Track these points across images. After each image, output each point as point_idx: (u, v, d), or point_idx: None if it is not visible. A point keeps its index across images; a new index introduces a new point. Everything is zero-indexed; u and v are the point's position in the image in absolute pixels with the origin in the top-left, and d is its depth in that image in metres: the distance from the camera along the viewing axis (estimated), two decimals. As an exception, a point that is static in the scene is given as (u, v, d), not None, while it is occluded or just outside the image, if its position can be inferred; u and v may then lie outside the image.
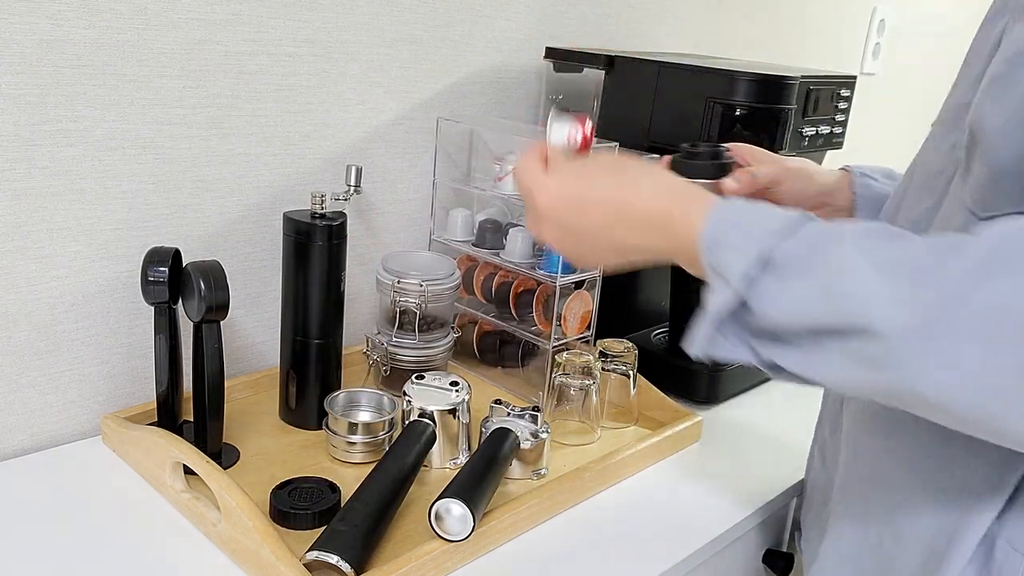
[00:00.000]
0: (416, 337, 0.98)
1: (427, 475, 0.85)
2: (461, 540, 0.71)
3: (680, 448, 0.96)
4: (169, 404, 0.84)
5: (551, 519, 0.81)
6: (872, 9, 1.94)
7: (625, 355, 0.98)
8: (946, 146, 0.64)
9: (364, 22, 1.00)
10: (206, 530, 0.73)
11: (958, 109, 0.62)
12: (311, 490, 0.78)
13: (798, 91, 1.01)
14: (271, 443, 0.89)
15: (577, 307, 1.00)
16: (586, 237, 0.64)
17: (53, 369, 0.86)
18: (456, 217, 1.07)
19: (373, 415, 0.91)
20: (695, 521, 0.83)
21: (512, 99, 1.20)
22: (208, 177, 0.92)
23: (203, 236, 0.93)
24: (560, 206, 0.64)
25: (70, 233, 0.84)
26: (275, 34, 0.93)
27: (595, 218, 0.63)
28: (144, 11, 0.83)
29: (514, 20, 1.16)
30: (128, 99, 0.84)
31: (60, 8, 0.77)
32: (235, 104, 0.92)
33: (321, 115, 1.00)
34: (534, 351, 1.03)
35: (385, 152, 1.07)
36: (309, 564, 0.65)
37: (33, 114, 0.78)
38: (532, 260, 1.01)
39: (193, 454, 0.75)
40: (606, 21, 1.29)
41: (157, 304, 0.81)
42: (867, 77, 1.97)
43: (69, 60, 0.79)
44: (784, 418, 1.05)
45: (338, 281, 0.90)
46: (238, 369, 1.01)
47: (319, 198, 0.89)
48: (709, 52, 1.50)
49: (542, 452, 0.86)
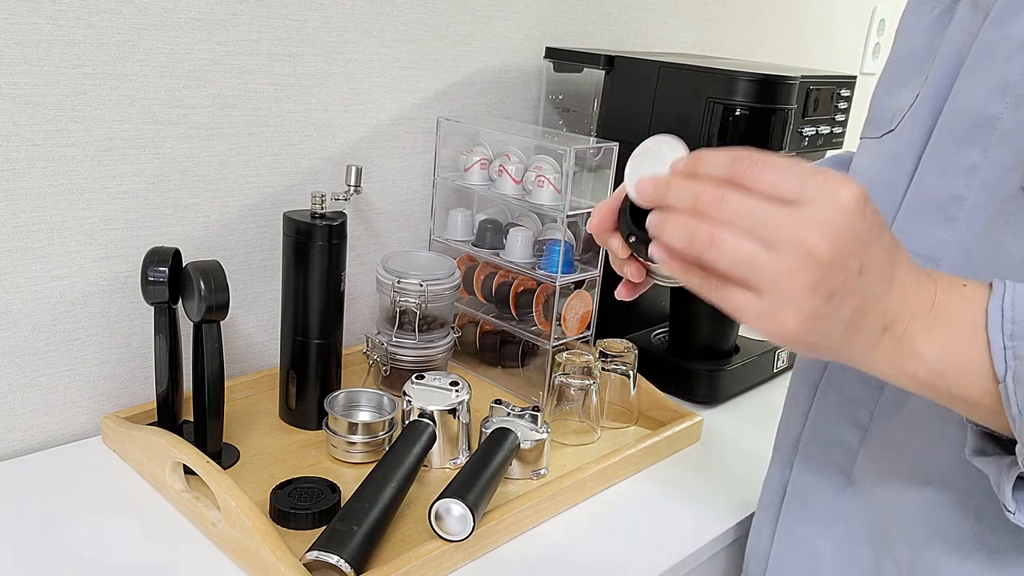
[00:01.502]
0: (416, 337, 0.98)
1: (427, 475, 0.85)
2: (461, 540, 0.71)
3: (680, 448, 0.96)
4: (169, 404, 0.84)
5: (551, 519, 0.81)
6: (872, 9, 1.94)
7: (625, 355, 0.98)
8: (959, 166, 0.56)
9: (364, 22, 1.00)
10: (206, 530, 0.73)
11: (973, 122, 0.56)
12: (311, 490, 0.78)
13: (798, 91, 1.01)
14: (271, 443, 0.89)
15: (577, 307, 1.00)
16: (872, 277, 0.46)
17: (53, 369, 0.86)
18: (456, 217, 1.07)
19: (373, 415, 0.91)
20: (695, 521, 0.83)
21: (512, 99, 1.20)
22: (208, 177, 0.92)
23: (203, 236, 0.93)
24: (861, 227, 0.45)
25: (70, 233, 0.84)
26: (275, 34, 0.93)
27: (886, 243, 0.47)
28: (144, 11, 0.83)
29: (514, 20, 1.16)
30: (128, 99, 0.84)
31: (60, 8, 0.77)
32: (235, 104, 0.92)
33: (321, 115, 1.00)
34: (534, 351, 1.03)
35: (385, 152, 1.07)
36: (309, 564, 0.65)
37: (33, 114, 0.78)
38: (532, 260, 1.01)
39: (193, 454, 0.75)
40: (606, 21, 1.29)
41: (157, 304, 0.81)
42: (867, 77, 1.97)
43: (69, 60, 0.79)
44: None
45: (338, 281, 0.90)
46: (238, 369, 1.01)
47: (319, 198, 0.89)
48: (709, 52, 1.50)
49: (542, 452, 0.86)
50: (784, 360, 1.18)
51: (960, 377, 0.47)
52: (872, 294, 0.46)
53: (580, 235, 1.02)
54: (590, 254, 1.01)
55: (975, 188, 0.56)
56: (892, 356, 0.48)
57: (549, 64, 1.17)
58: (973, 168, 0.56)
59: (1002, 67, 0.54)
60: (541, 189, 0.98)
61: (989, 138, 0.55)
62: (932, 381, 0.48)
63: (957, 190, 0.56)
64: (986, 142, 0.55)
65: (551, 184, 0.97)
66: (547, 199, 0.97)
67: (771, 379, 1.17)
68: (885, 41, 2.00)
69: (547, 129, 1.15)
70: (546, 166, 0.98)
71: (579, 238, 1.02)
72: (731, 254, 0.45)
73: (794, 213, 0.44)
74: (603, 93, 1.09)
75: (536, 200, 0.98)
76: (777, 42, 1.69)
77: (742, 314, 0.46)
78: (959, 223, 0.57)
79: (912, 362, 0.47)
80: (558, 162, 0.97)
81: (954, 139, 0.57)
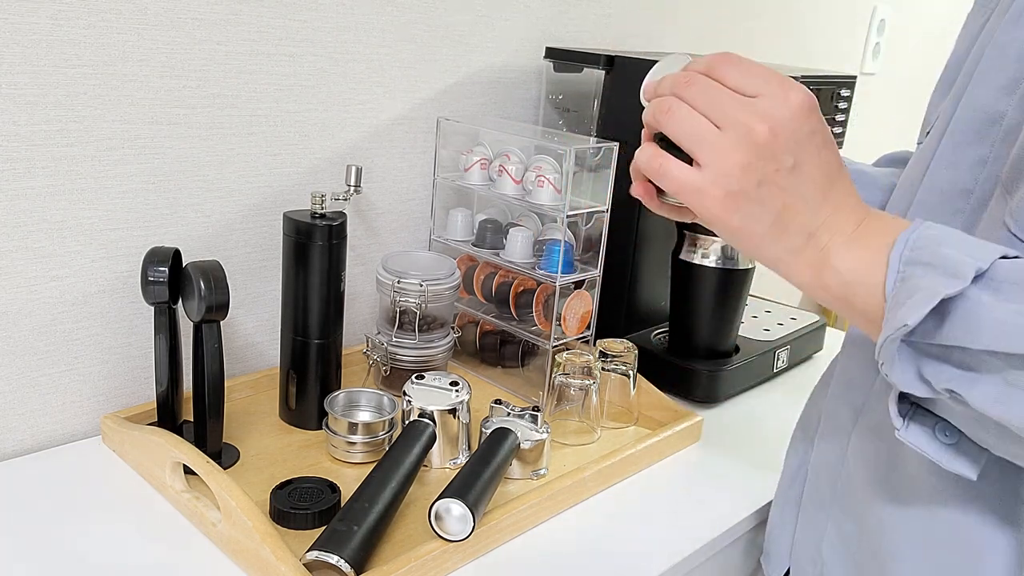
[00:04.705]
0: (416, 337, 0.98)
1: (427, 475, 0.85)
2: (461, 540, 0.71)
3: (680, 448, 0.96)
4: (169, 404, 0.84)
5: (551, 519, 0.81)
6: (872, 9, 1.94)
7: (625, 355, 0.98)
8: (969, 161, 0.58)
9: (364, 22, 1.00)
10: (206, 530, 0.73)
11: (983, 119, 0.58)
12: (311, 490, 0.78)
13: (798, 91, 1.01)
14: (271, 443, 0.89)
15: (577, 307, 1.00)
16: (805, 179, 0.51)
17: (53, 369, 0.86)
18: (456, 217, 1.07)
19: (373, 415, 0.91)
20: (695, 521, 0.83)
21: (512, 99, 1.20)
22: (208, 177, 0.92)
23: (203, 236, 0.93)
24: (801, 126, 0.50)
25: (70, 233, 0.84)
26: (275, 34, 0.93)
27: (826, 158, 0.51)
28: (144, 11, 0.83)
29: (514, 20, 1.16)
30: (128, 99, 0.84)
31: (60, 8, 0.77)
32: (235, 104, 0.92)
33: (321, 115, 1.00)
34: (534, 351, 1.03)
35: (385, 152, 1.07)
36: (309, 564, 0.65)
37: (33, 114, 0.78)
38: (532, 260, 1.01)
39: (193, 454, 0.75)
40: (606, 21, 1.29)
41: (157, 304, 0.81)
42: (867, 77, 1.97)
43: (69, 60, 0.79)
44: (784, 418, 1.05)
45: (338, 281, 0.90)
46: (238, 369, 1.01)
47: (319, 198, 0.89)
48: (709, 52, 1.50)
49: (542, 452, 0.86)
50: (784, 360, 1.18)
51: (865, 292, 0.50)
52: (801, 196, 0.51)
53: (580, 235, 1.02)
54: (590, 254, 1.01)
55: (981, 182, 0.57)
56: (812, 265, 0.51)
57: (549, 64, 1.17)
58: (982, 163, 0.57)
59: (1013, 67, 0.56)
60: (541, 189, 0.98)
61: (996, 135, 0.57)
62: (843, 293, 0.51)
63: (966, 184, 0.58)
64: (993, 139, 0.57)
65: (551, 184, 0.97)
66: (547, 199, 0.97)
67: (771, 379, 1.17)
68: (885, 41, 2.00)
69: (547, 129, 1.15)
70: (546, 166, 0.98)
71: (579, 238, 1.02)
72: (681, 123, 0.51)
73: (747, 102, 0.50)
74: (603, 93, 1.09)
75: (536, 200, 0.98)
76: (777, 42, 1.69)
77: (679, 187, 0.52)
78: (964, 215, 0.58)
79: (828, 272, 0.51)
80: (558, 162, 0.97)
81: (966, 136, 0.59)
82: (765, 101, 0.50)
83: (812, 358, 1.26)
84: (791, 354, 1.19)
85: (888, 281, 0.48)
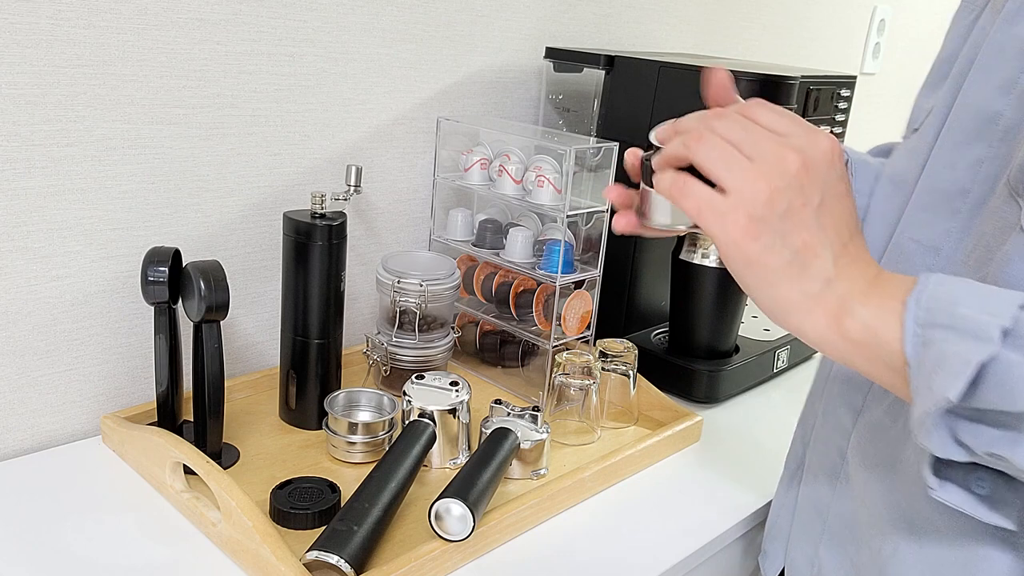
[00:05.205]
0: (416, 337, 0.98)
1: (427, 475, 0.85)
2: (461, 540, 0.71)
3: (680, 448, 0.96)
4: (169, 404, 0.84)
5: (551, 519, 0.81)
6: (872, 9, 1.94)
7: (625, 355, 0.98)
8: (967, 161, 0.58)
9: (364, 22, 1.00)
10: (206, 530, 0.73)
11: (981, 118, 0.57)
12: (311, 490, 0.78)
13: (798, 91, 1.01)
14: (271, 443, 0.89)
15: (577, 307, 1.00)
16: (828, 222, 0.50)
17: (53, 369, 0.86)
18: (456, 217, 1.07)
19: (373, 415, 0.91)
20: (694, 521, 0.83)
21: (512, 99, 1.20)
22: (208, 177, 0.92)
23: (203, 236, 0.93)
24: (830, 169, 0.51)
25: (70, 233, 0.84)
26: (275, 34, 0.93)
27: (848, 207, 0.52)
28: (144, 11, 0.83)
29: (514, 20, 1.16)
30: (128, 99, 0.84)
31: (60, 8, 0.77)
32: (235, 104, 0.92)
33: (321, 115, 1.00)
34: (534, 351, 1.03)
35: (385, 152, 1.07)
36: (309, 564, 0.65)
37: (33, 114, 0.78)
38: (532, 260, 1.01)
39: (193, 454, 0.75)
40: (606, 21, 1.29)
41: (157, 304, 0.81)
42: (867, 77, 1.97)
43: (69, 60, 0.79)
44: (784, 418, 1.05)
45: (338, 281, 0.90)
46: (238, 369, 1.01)
47: (319, 198, 0.89)
48: (709, 52, 1.50)
49: (542, 452, 0.86)
50: (784, 360, 1.18)
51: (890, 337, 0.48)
52: (822, 239, 0.50)
53: (580, 235, 1.02)
54: (590, 254, 1.01)
55: (978, 182, 0.58)
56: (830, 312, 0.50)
57: (549, 64, 1.17)
58: (979, 163, 0.58)
59: (1009, 66, 0.56)
60: (541, 189, 0.98)
61: (993, 134, 0.57)
62: (865, 338, 0.49)
63: (964, 184, 0.58)
64: (991, 138, 0.57)
65: (551, 184, 0.97)
66: (547, 199, 0.97)
67: (771, 379, 1.17)
68: (885, 41, 2.00)
69: (547, 129, 1.15)
70: (546, 166, 0.98)
71: (579, 238, 1.02)
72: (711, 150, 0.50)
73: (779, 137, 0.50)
74: (603, 93, 1.09)
75: (536, 200, 0.98)
76: (777, 42, 1.69)
77: (702, 210, 0.50)
78: (962, 215, 0.59)
79: (848, 319, 0.50)
80: (558, 162, 0.97)
81: (964, 135, 0.59)
82: (797, 139, 0.50)
83: (812, 358, 1.26)
84: (791, 354, 1.19)
85: (907, 344, 0.47)
